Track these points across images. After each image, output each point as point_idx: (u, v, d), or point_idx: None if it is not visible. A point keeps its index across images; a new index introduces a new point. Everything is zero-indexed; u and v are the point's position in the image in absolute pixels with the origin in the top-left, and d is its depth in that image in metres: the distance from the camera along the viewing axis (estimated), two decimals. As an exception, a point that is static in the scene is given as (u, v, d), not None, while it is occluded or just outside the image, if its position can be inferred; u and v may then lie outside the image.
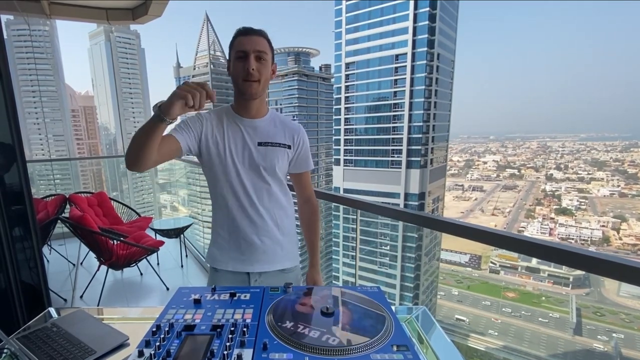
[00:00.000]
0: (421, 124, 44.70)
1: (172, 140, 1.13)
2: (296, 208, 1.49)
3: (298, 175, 1.40)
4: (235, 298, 0.94)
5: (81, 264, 3.94)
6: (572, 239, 48.34)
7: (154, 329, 0.78)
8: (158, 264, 3.91)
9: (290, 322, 0.81)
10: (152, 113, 0.97)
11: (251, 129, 1.24)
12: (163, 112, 0.94)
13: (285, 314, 0.85)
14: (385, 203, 2.07)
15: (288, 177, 1.41)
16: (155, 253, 3.51)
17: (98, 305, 3.05)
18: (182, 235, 4.00)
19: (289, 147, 1.28)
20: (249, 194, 1.24)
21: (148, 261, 3.57)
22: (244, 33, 1.16)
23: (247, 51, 1.14)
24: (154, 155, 1.03)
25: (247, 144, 1.22)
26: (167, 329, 0.77)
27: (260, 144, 1.23)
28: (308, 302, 0.92)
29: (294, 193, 1.48)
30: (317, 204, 1.49)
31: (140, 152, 0.99)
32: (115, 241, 3.04)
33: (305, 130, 1.36)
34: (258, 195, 1.25)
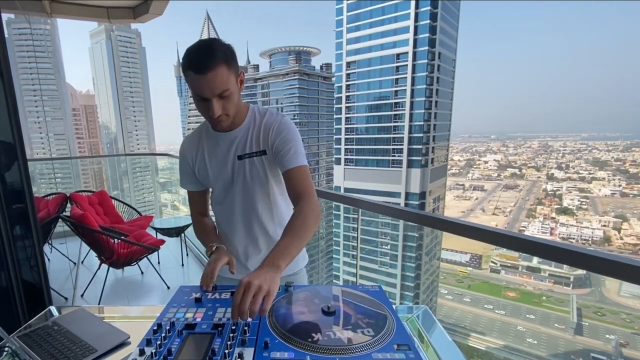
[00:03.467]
0: (422, 123, 44.68)
1: (197, 195, 1.32)
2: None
3: (285, 175, 1.15)
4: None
5: (82, 262, 3.95)
6: (573, 238, 48.31)
7: (155, 328, 0.78)
8: (159, 262, 3.92)
9: (291, 321, 0.81)
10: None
11: (229, 142, 1.16)
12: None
13: (286, 313, 0.85)
14: (386, 202, 2.07)
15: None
16: (156, 252, 3.51)
17: (99, 304, 3.06)
18: (182, 234, 4.00)
19: (264, 152, 1.15)
20: (241, 210, 1.22)
21: (149, 260, 3.58)
22: (197, 70, 0.95)
23: (206, 97, 0.99)
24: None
25: (228, 160, 1.17)
26: (168, 327, 0.77)
27: (240, 157, 1.16)
28: (309, 302, 0.91)
29: None
30: (310, 204, 1.10)
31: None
32: (116, 240, 3.04)
33: (306, 129, 1.27)
34: (249, 210, 1.22)
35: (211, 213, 1.39)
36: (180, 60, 1.04)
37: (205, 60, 0.96)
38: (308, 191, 1.13)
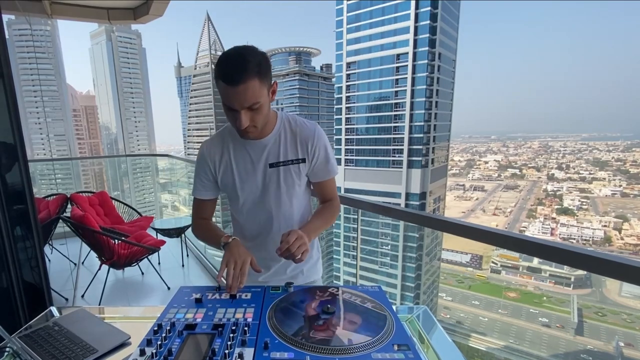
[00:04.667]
0: (422, 123, 44.68)
1: (209, 203, 1.26)
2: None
3: (319, 184, 1.25)
4: (237, 298, 0.94)
5: (82, 263, 3.95)
6: (574, 239, 48.25)
7: (156, 328, 0.78)
8: (159, 263, 3.92)
9: (291, 321, 0.81)
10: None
11: (259, 150, 1.14)
12: (223, 248, 1.08)
13: (286, 313, 0.85)
14: (386, 203, 2.07)
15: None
16: (157, 252, 3.51)
17: (99, 305, 3.06)
18: (183, 235, 4.00)
19: (303, 160, 1.16)
20: (265, 217, 1.21)
21: (149, 260, 3.58)
22: (228, 81, 0.93)
23: (236, 108, 0.98)
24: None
25: (258, 168, 1.15)
26: (168, 328, 0.77)
27: (271, 165, 1.14)
28: (309, 302, 0.92)
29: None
30: (337, 206, 1.31)
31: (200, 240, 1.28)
32: (116, 240, 3.04)
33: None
34: (273, 217, 1.20)
35: (217, 219, 1.39)
36: (181, 62, 1.05)
37: (238, 73, 0.93)
38: (336, 195, 1.33)
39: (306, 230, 1.06)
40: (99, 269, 3.29)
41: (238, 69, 0.93)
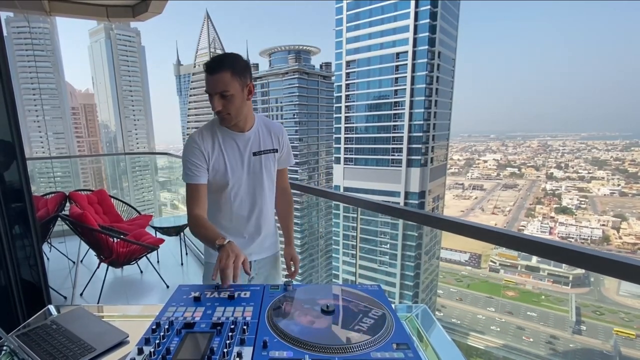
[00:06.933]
0: (422, 122, 44.63)
1: (203, 190, 1.37)
2: None
3: (279, 170, 1.58)
4: (235, 296, 0.94)
5: (81, 261, 3.94)
6: (572, 238, 48.31)
7: (154, 327, 0.78)
8: (158, 261, 3.91)
9: (290, 320, 0.81)
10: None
11: (245, 141, 1.40)
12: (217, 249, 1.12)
13: (285, 312, 0.85)
14: (386, 201, 2.07)
15: None
16: (155, 251, 3.51)
17: (98, 303, 3.06)
18: (182, 233, 4.00)
19: (276, 150, 1.48)
20: (249, 198, 1.45)
21: (148, 259, 3.58)
22: (208, 70, 1.24)
23: (210, 93, 1.26)
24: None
25: (244, 156, 1.40)
26: (166, 326, 0.77)
27: (255, 153, 1.41)
28: (308, 301, 0.91)
29: None
30: (291, 194, 1.71)
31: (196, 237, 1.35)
32: (115, 239, 3.04)
33: (305, 128, 1.41)
34: (256, 197, 1.46)
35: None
36: (180, 60, 1.13)
37: (214, 65, 1.23)
38: (289, 184, 1.70)
39: (292, 243, 1.69)
40: (98, 268, 3.29)
41: (215, 62, 1.24)
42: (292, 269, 1.59)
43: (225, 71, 1.22)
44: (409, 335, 0.76)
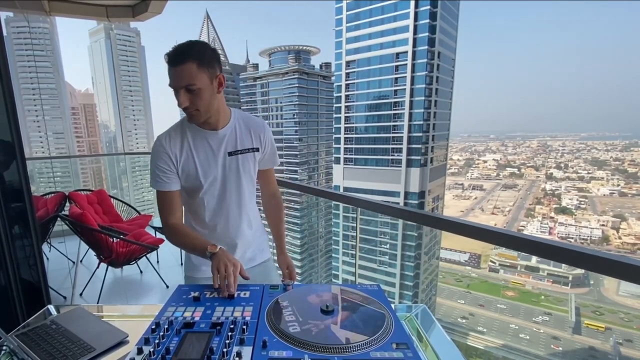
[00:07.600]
0: (421, 122, 44.64)
1: (176, 197, 1.25)
2: (258, 201, 1.54)
3: (264, 172, 1.43)
4: (235, 296, 0.94)
5: (81, 261, 3.94)
6: (572, 238, 48.32)
7: (153, 327, 0.78)
8: (158, 261, 3.91)
9: (289, 320, 0.81)
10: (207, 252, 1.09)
11: (218, 140, 1.24)
12: (209, 257, 1.07)
13: (284, 312, 0.85)
14: (385, 201, 2.07)
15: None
16: (155, 251, 3.51)
17: (97, 303, 3.06)
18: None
19: (257, 149, 1.31)
20: (226, 204, 1.30)
21: (148, 259, 3.57)
22: (171, 61, 1.08)
23: (175, 87, 1.11)
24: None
25: (218, 156, 1.24)
26: (166, 326, 0.77)
27: (230, 153, 1.26)
28: (308, 300, 0.91)
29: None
30: (281, 197, 1.56)
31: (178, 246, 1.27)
32: (115, 239, 3.04)
33: (305, 128, 1.32)
34: (236, 202, 1.31)
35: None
36: None
37: (177, 56, 1.08)
38: (277, 186, 1.54)
39: (284, 248, 1.51)
40: (98, 267, 3.29)
41: (178, 52, 1.08)
42: (289, 277, 1.46)
43: (190, 62, 1.07)
44: (408, 335, 0.76)
